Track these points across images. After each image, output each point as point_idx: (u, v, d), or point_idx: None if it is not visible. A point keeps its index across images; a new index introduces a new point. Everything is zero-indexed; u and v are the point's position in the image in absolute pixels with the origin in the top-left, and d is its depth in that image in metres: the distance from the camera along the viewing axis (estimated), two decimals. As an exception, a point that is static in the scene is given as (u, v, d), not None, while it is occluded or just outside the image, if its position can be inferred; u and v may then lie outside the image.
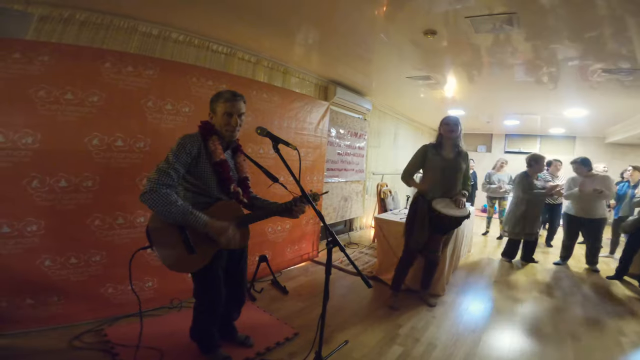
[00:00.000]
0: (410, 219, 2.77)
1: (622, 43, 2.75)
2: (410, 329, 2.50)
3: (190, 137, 1.61)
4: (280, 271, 3.47)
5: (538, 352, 2.26)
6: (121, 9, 2.58)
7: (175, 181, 1.54)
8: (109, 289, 2.30)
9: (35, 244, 2.03)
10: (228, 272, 1.80)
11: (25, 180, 2.01)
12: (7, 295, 1.98)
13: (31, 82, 2.00)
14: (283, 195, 2.35)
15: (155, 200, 1.46)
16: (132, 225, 2.37)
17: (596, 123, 6.47)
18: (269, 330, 2.32)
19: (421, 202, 2.70)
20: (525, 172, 4.06)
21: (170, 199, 1.47)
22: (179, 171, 1.56)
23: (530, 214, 3.99)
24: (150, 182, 1.50)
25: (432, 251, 2.82)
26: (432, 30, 2.79)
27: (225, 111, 1.64)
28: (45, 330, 2.06)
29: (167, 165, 1.53)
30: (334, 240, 1.59)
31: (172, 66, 2.60)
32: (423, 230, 2.67)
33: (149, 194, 1.47)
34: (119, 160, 2.31)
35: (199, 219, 1.51)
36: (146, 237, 1.58)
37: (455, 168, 2.70)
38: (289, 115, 3.45)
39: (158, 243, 1.57)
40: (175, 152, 1.56)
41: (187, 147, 1.57)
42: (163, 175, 1.51)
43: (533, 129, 7.98)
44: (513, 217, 4.09)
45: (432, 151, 2.72)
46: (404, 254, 2.85)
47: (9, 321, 1.97)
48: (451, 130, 2.67)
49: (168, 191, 1.49)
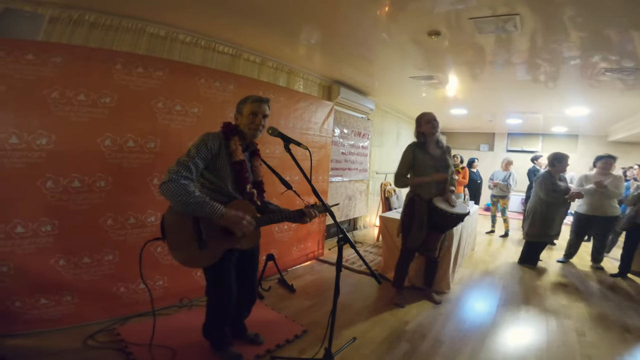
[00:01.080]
0: (407, 218, 2.76)
1: (625, 42, 2.78)
2: (417, 326, 2.52)
3: (212, 134, 1.67)
4: (286, 270, 3.50)
5: (544, 348, 2.28)
6: (129, 10, 2.61)
7: (194, 174, 1.58)
8: (121, 288, 2.33)
9: (49, 244, 2.06)
10: (239, 271, 1.83)
11: (40, 181, 2.04)
12: (21, 295, 2.00)
13: (45, 84, 2.03)
14: (288, 199, 2.38)
15: (173, 190, 1.49)
16: (143, 224, 2.41)
17: (599, 121, 6.50)
18: (278, 328, 2.35)
19: (418, 202, 2.69)
20: (548, 171, 3.88)
21: (188, 189, 1.51)
22: (199, 165, 1.60)
23: (553, 216, 3.81)
24: (170, 172, 1.53)
25: (430, 249, 2.82)
26: (436, 31, 2.83)
27: (251, 111, 1.72)
28: (60, 330, 2.08)
29: (187, 159, 1.57)
30: (345, 237, 1.62)
31: (181, 67, 2.63)
32: (421, 230, 2.68)
33: (167, 183, 1.50)
34: (130, 160, 2.35)
35: (215, 209, 1.54)
36: (160, 228, 1.61)
37: (444, 165, 2.71)
38: (294, 116, 3.48)
39: (171, 236, 1.60)
40: (197, 146, 1.60)
41: (209, 143, 1.62)
42: (183, 168, 1.54)
43: (535, 128, 8.00)
44: (533, 219, 3.89)
45: (419, 150, 2.70)
46: (402, 253, 2.87)
47: (23, 321, 1.99)
48: (435, 127, 2.68)
49: (186, 182, 1.53)
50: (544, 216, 3.81)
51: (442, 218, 2.62)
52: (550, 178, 3.80)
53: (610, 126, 6.98)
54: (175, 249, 1.61)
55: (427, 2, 2.38)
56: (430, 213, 2.65)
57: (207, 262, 1.66)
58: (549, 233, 3.88)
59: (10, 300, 1.97)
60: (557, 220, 3.86)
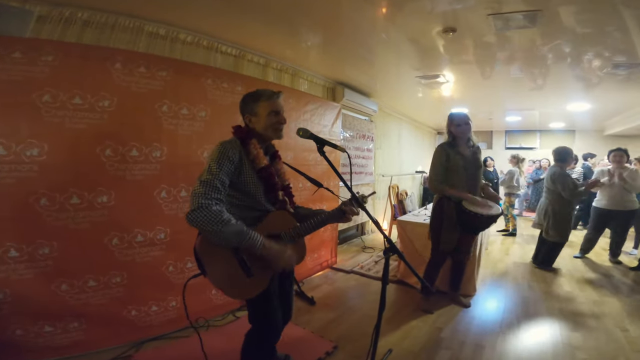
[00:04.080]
0: (436, 221, 2.64)
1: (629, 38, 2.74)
2: (452, 332, 2.40)
3: (229, 142, 1.41)
4: (302, 281, 3.29)
5: (593, 346, 2.17)
6: (126, 6, 2.38)
7: (223, 194, 1.33)
8: (132, 312, 2.10)
9: (48, 268, 1.83)
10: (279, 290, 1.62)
11: (33, 198, 1.79)
12: (23, 323, 1.79)
13: (35, 86, 1.79)
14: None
15: (206, 220, 1.23)
16: (152, 242, 2.17)
17: (596, 116, 6.55)
18: (306, 346, 2.18)
19: (447, 204, 2.57)
20: (560, 168, 3.59)
21: (223, 217, 1.25)
22: (225, 182, 1.34)
23: (571, 214, 3.64)
24: (196, 196, 1.26)
25: (464, 252, 2.72)
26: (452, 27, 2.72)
27: (271, 110, 1.48)
28: (71, 358, 1.92)
29: (211, 177, 1.30)
30: (393, 248, 1.42)
31: (186, 67, 2.42)
32: (453, 232, 2.56)
33: (198, 211, 1.23)
34: (134, 172, 2.11)
35: (255, 240, 1.31)
36: (196, 262, 1.36)
37: (475, 165, 2.61)
38: (304, 118, 3.30)
39: (211, 269, 1.34)
40: (218, 161, 1.33)
41: (229, 154, 1.36)
42: (210, 189, 1.27)
43: (533, 124, 8.05)
44: (562, 220, 3.61)
45: (450, 151, 2.59)
46: (433, 256, 2.73)
47: (26, 350, 1.79)
48: (469, 128, 2.58)
49: (219, 208, 1.27)
50: (566, 216, 3.62)
51: (473, 219, 2.47)
52: (568, 175, 3.59)
53: (606, 120, 7.05)
54: (220, 283, 1.35)
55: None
56: (460, 215, 2.51)
57: (257, 290, 1.41)
58: (569, 232, 3.68)
59: (10, 329, 1.77)
60: (573, 218, 3.75)
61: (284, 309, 1.63)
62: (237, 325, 2.36)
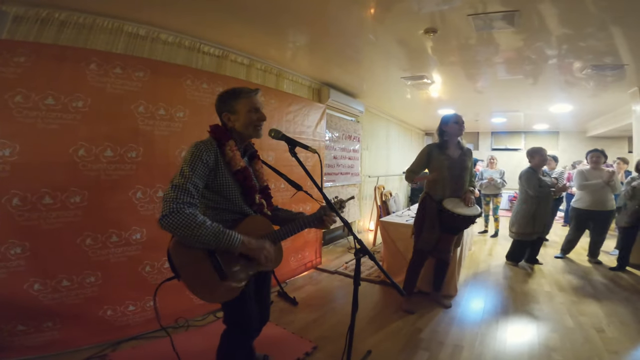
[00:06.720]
0: (418, 219, 2.69)
1: (610, 39, 2.80)
2: (432, 332, 2.42)
3: (204, 143, 1.37)
4: (285, 281, 3.29)
5: (569, 347, 2.20)
6: (104, 7, 2.37)
7: (196, 198, 1.30)
8: (108, 311, 2.10)
9: (20, 268, 1.82)
10: (254, 290, 1.61)
11: (5, 198, 1.78)
12: None
13: (6, 86, 1.78)
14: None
15: (179, 224, 1.21)
16: (128, 242, 2.16)
17: (578, 118, 6.68)
18: (286, 346, 2.19)
19: (429, 202, 2.63)
20: (530, 167, 3.74)
21: (197, 220, 1.23)
22: (198, 186, 1.31)
23: (542, 212, 3.69)
24: (168, 201, 1.23)
25: (444, 252, 2.75)
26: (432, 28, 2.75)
27: (251, 107, 1.45)
28: (46, 357, 1.92)
29: (183, 180, 1.27)
30: (363, 249, 1.43)
31: (164, 67, 2.42)
32: (433, 231, 2.59)
33: (170, 216, 1.21)
34: (109, 172, 2.10)
35: (233, 239, 1.29)
36: (170, 266, 1.33)
37: (462, 166, 2.65)
38: (287, 119, 3.31)
39: (186, 274, 1.32)
40: (191, 163, 1.30)
41: (203, 156, 1.32)
42: (182, 193, 1.25)
43: (517, 126, 8.18)
44: (523, 217, 3.74)
45: (437, 151, 2.66)
46: (414, 255, 2.76)
47: (1, 348, 1.79)
48: (458, 127, 2.63)
49: (192, 211, 1.25)
50: (531, 213, 3.69)
51: (450, 219, 2.52)
52: (535, 174, 3.69)
53: (588, 122, 7.19)
54: (195, 288, 1.33)
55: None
56: (438, 214, 2.56)
57: (234, 293, 1.39)
58: (536, 230, 3.74)
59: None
60: (543, 216, 3.74)
61: (261, 310, 1.62)
62: (217, 326, 2.30)
